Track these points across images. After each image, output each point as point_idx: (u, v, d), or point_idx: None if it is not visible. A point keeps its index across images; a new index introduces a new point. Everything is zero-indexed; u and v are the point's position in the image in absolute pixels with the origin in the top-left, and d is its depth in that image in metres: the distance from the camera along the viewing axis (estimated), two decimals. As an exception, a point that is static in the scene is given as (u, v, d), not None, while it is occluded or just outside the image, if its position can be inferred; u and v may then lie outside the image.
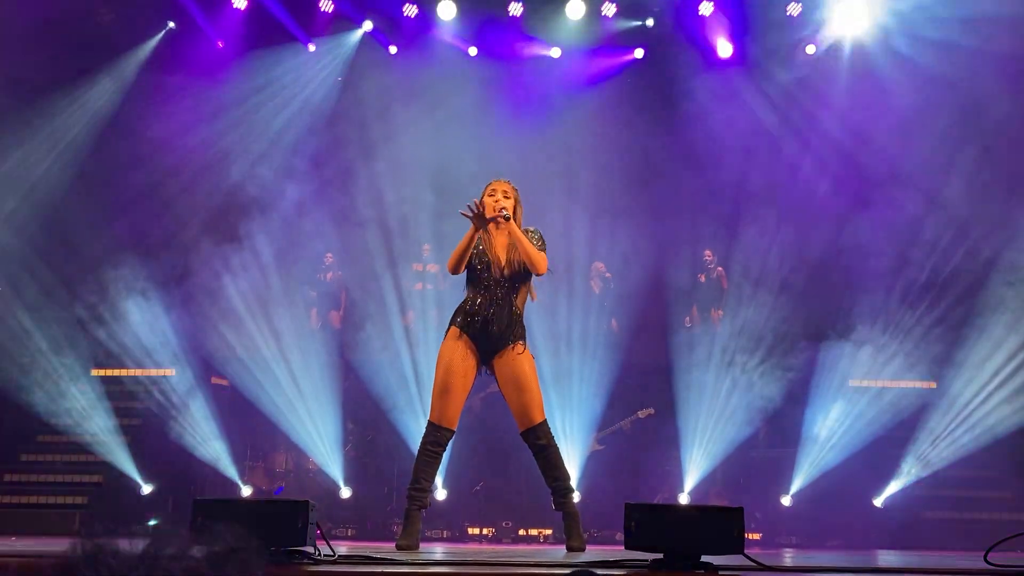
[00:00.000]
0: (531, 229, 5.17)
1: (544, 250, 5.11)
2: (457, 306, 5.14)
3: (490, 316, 4.98)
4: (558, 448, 5.08)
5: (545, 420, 5.02)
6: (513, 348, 5.01)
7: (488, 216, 5.03)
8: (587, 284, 10.52)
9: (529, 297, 5.20)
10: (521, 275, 5.08)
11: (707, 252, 10.69)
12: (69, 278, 9.79)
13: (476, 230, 5.02)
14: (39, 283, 9.53)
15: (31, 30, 9.53)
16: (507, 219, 5.01)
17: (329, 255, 10.63)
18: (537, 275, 5.08)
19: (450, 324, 5.09)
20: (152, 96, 10.78)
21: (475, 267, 5.07)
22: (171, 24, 10.97)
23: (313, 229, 10.70)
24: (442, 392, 4.96)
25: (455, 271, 5.05)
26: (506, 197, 5.11)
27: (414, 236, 10.54)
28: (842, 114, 10.72)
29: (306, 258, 10.67)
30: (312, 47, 11.21)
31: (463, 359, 4.98)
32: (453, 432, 5.03)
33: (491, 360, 5.05)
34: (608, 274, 10.53)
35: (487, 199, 5.11)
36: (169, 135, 10.53)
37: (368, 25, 11.20)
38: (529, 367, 5.03)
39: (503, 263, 5.05)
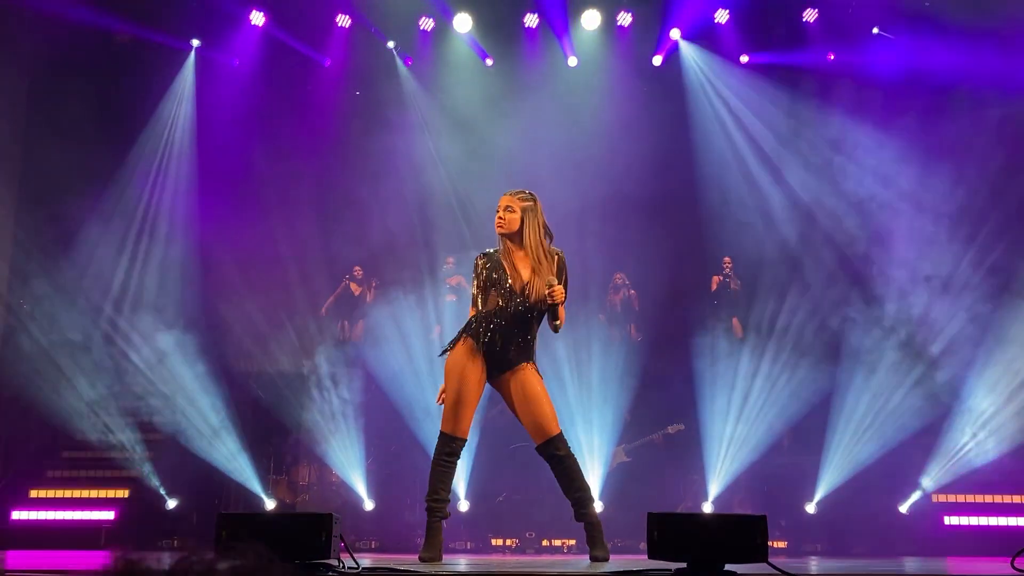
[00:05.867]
0: (557, 252, 5.04)
1: (565, 278, 5.01)
2: (470, 317, 5.04)
3: (504, 337, 4.89)
4: (576, 459, 5.02)
5: (561, 432, 4.96)
6: (524, 367, 4.94)
7: (535, 299, 4.90)
8: (606, 293, 10.50)
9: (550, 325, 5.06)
10: (541, 305, 4.94)
11: (726, 259, 10.64)
12: (92, 293, 9.86)
13: None
14: (63, 298, 9.61)
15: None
16: (555, 320, 4.91)
17: (358, 268, 10.66)
18: (553, 331, 5.03)
19: (462, 333, 4.97)
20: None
21: (493, 284, 4.95)
22: (195, 42, 11.02)
23: (338, 241, 10.77)
24: (456, 403, 4.89)
25: None
26: (509, 211, 4.95)
27: (437, 248, 10.58)
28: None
29: (333, 269, 10.73)
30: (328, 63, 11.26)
31: (475, 369, 4.89)
32: (465, 441, 4.98)
33: (497, 376, 4.97)
34: (631, 290, 10.51)
35: (496, 217, 4.99)
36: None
37: (390, 41, 11.26)
38: (538, 381, 4.96)
39: (526, 287, 4.91)
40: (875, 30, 10.74)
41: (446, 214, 10.97)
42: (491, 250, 5.09)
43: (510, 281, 4.92)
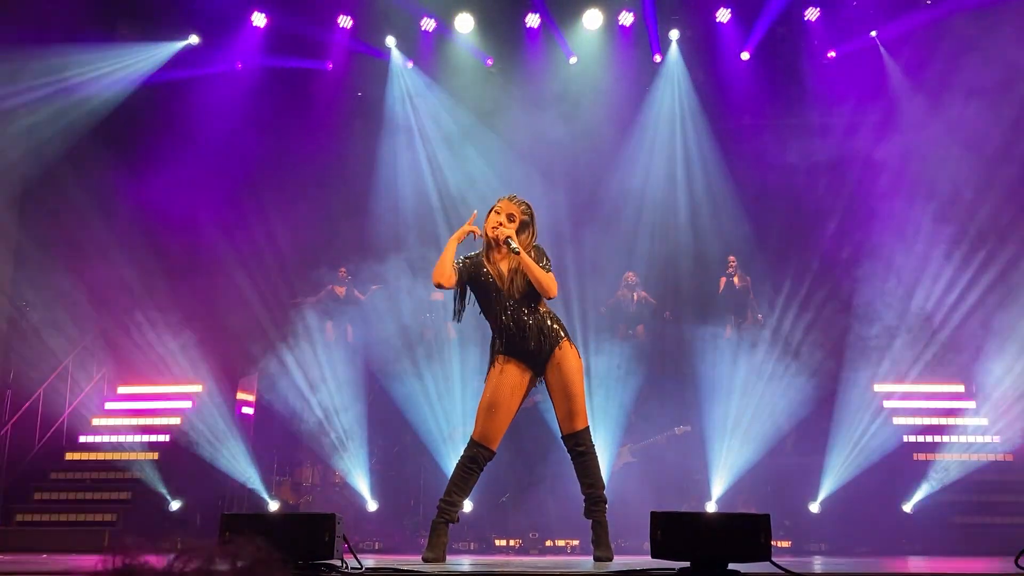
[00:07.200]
0: (535, 247, 5.02)
1: (550, 267, 4.97)
2: (490, 340, 5.05)
3: (522, 331, 4.90)
4: (596, 457, 5.05)
5: (588, 427, 4.99)
6: (560, 349, 4.94)
7: (493, 239, 4.93)
8: (610, 292, 10.49)
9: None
10: (533, 288, 4.93)
11: (730, 257, 10.63)
12: (94, 293, 9.86)
13: (456, 240, 4.95)
14: (64, 299, 9.61)
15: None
16: (516, 253, 4.80)
17: (343, 269, 10.65)
18: (547, 299, 4.96)
19: (492, 354, 5.00)
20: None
21: (488, 295, 4.97)
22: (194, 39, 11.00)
23: (330, 242, 10.77)
24: (487, 409, 4.90)
25: (440, 283, 4.89)
26: (511, 220, 4.95)
27: (428, 249, 10.59)
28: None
29: (320, 271, 10.74)
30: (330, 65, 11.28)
31: (511, 376, 4.91)
32: (493, 453, 4.95)
33: (544, 373, 4.98)
34: (643, 291, 10.50)
35: (492, 216, 4.97)
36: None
37: (391, 41, 11.28)
38: (577, 371, 4.96)
39: (512, 281, 4.93)
40: (873, 33, 10.79)
41: (444, 214, 10.97)
42: (472, 253, 5.09)
43: (501, 285, 4.94)
